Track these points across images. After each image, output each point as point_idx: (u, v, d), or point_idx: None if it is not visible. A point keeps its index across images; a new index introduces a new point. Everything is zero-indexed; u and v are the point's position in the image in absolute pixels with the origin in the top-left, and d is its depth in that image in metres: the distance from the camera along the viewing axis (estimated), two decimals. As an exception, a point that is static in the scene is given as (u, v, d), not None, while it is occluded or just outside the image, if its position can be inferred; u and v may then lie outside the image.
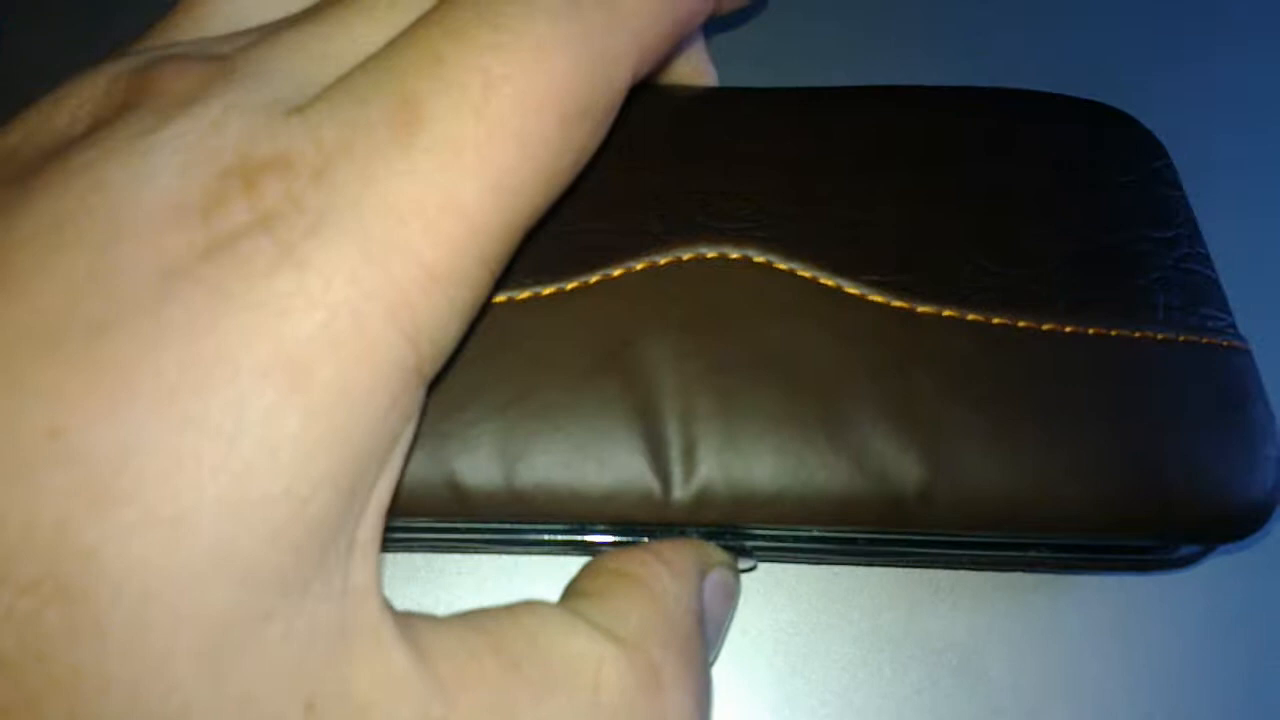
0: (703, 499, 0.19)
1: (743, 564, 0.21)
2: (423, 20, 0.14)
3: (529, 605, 0.16)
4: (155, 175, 0.12)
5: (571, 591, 0.18)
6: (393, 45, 0.14)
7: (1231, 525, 0.20)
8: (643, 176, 0.22)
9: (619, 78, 0.15)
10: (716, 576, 0.19)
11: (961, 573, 0.24)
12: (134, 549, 0.11)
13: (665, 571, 0.18)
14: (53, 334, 0.11)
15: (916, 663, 0.23)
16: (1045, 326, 0.20)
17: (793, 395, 0.19)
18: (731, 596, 0.20)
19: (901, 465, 0.19)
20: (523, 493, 0.19)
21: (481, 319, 0.20)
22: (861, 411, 0.19)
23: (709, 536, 0.20)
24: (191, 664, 0.11)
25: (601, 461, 0.19)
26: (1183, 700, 0.23)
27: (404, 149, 0.13)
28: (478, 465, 0.19)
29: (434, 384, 0.19)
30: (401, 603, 0.22)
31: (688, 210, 0.21)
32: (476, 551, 0.23)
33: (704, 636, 0.18)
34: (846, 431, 0.19)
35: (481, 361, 0.19)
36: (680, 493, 0.19)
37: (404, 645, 0.13)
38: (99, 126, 0.13)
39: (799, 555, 0.23)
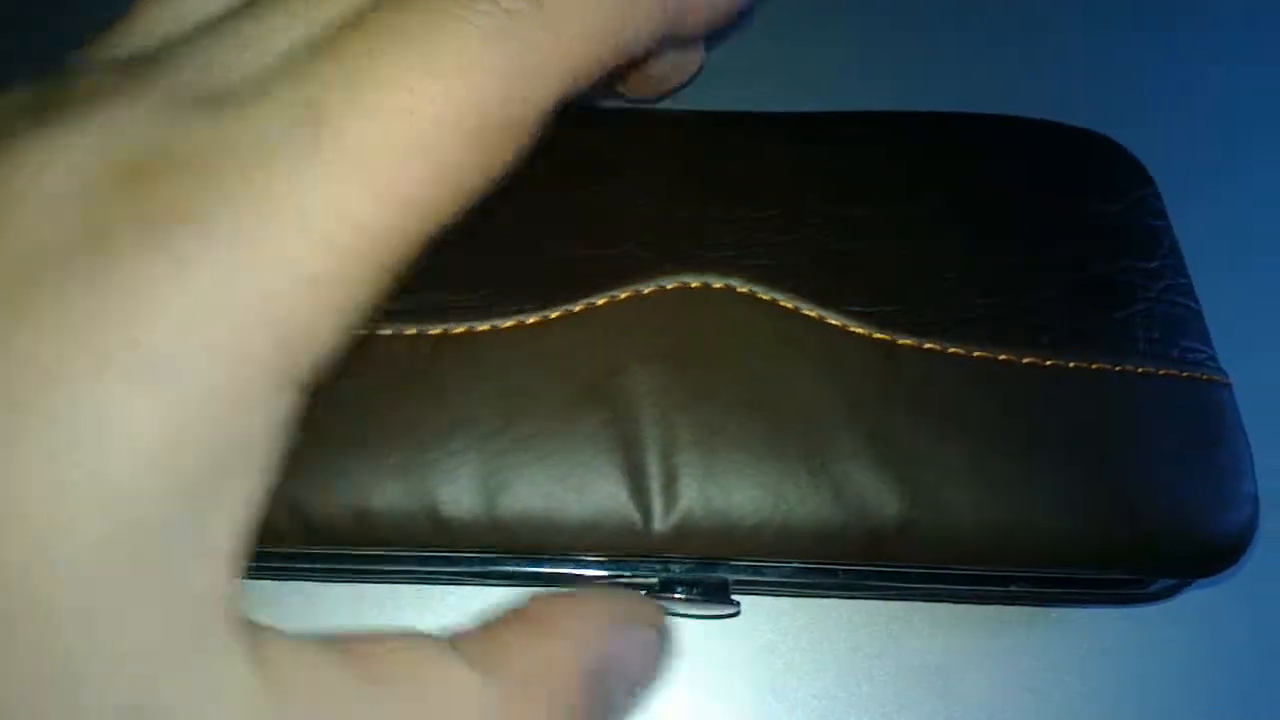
0: (683, 530, 0.19)
1: (726, 610, 0.21)
2: (348, 26, 0.13)
3: (401, 631, 0.15)
4: (43, 166, 0.12)
5: (464, 627, 0.17)
6: (313, 49, 0.13)
7: (1206, 561, 0.20)
8: (629, 203, 0.22)
9: (544, 101, 0.14)
10: (641, 635, 0.18)
11: (940, 597, 0.24)
12: None
13: (568, 617, 0.17)
14: None
15: (895, 682, 0.23)
16: (1026, 360, 0.20)
17: (774, 428, 0.19)
18: (655, 660, 0.18)
19: (881, 499, 0.19)
20: (503, 523, 0.19)
21: (465, 349, 0.20)
22: (842, 444, 0.19)
23: (690, 569, 0.21)
24: (16, 665, 0.11)
25: (582, 492, 0.19)
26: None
27: (303, 158, 0.12)
28: (459, 495, 0.19)
29: (415, 415, 0.19)
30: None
31: (674, 238, 0.21)
32: (458, 585, 0.23)
33: (600, 691, 0.17)
34: (827, 464, 0.19)
35: (464, 392, 0.19)
36: (660, 524, 0.19)
37: (246, 656, 0.13)
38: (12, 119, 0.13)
39: (780, 589, 0.23)
